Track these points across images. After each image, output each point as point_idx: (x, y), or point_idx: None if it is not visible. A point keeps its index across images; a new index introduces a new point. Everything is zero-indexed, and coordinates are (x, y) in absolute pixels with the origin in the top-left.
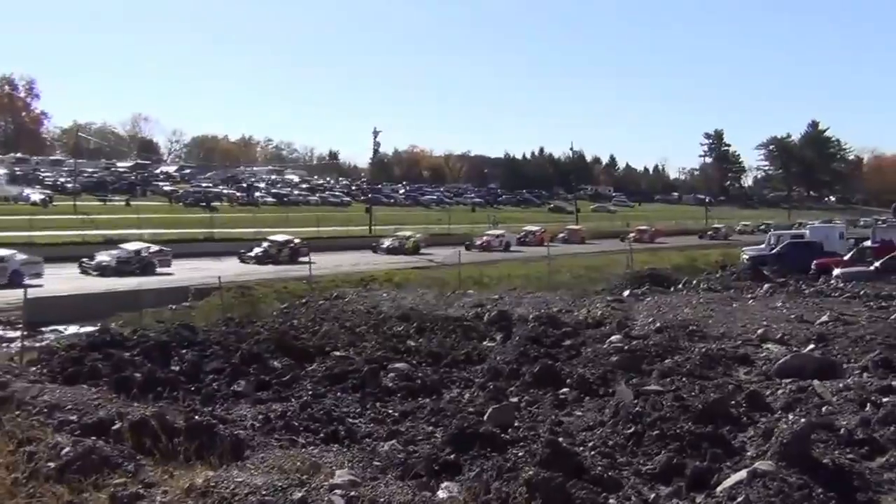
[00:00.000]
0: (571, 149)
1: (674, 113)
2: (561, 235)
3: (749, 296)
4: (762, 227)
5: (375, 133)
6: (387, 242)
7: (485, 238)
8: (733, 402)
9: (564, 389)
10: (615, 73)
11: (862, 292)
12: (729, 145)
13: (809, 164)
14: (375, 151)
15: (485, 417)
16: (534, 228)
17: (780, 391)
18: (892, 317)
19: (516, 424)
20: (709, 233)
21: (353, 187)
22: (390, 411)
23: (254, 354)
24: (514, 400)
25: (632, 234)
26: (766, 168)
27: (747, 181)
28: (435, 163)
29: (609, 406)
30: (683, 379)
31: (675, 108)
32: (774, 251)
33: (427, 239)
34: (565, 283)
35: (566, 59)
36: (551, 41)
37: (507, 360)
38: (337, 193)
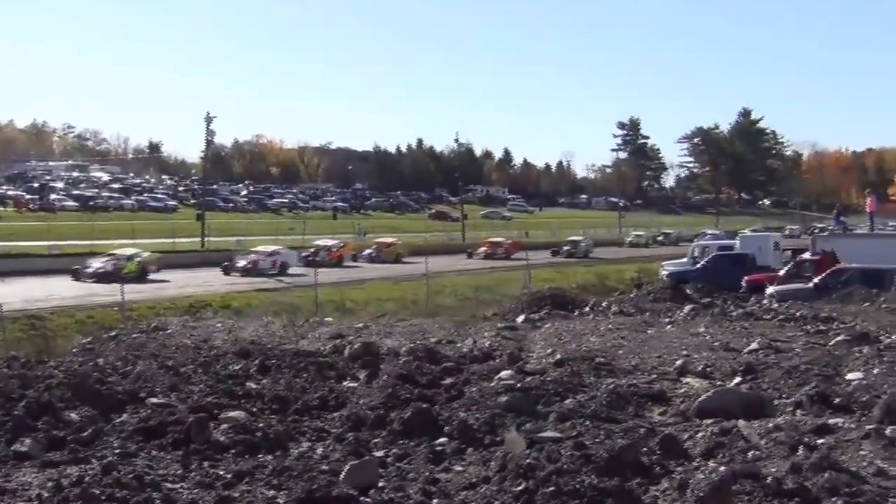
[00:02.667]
0: (457, 141)
1: (581, 98)
2: (368, 252)
3: (667, 320)
4: (660, 237)
5: (209, 119)
6: (95, 264)
7: (251, 257)
8: (645, 448)
9: (442, 439)
10: (509, 53)
11: (798, 314)
12: (647, 137)
13: (740, 160)
14: (209, 143)
15: (341, 477)
16: (328, 243)
17: (699, 434)
18: (832, 343)
19: (380, 484)
20: (565, 248)
21: (182, 188)
22: (221, 472)
23: (44, 404)
24: (379, 454)
25: (482, 249)
26: (691, 165)
27: (669, 181)
28: (286, 157)
29: (496, 458)
30: (587, 423)
31: (582, 92)
32: (699, 266)
33: (157, 260)
34: (449, 308)
35: (450, 35)
36: (429, 13)
37: (373, 405)
38: (159, 196)
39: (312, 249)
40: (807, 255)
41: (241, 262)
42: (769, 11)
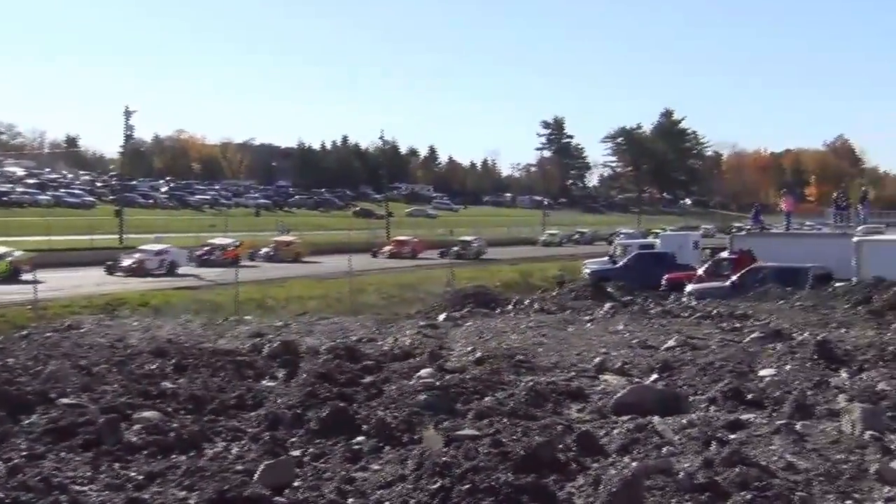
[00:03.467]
0: (382, 139)
1: (507, 97)
2: (265, 251)
3: (587, 318)
4: (575, 236)
5: (127, 114)
6: None
7: (137, 256)
8: (562, 445)
9: (360, 438)
10: (434, 50)
11: (715, 312)
12: (571, 137)
13: (662, 160)
14: (128, 137)
15: (255, 477)
16: (224, 242)
17: (616, 431)
18: (746, 340)
19: (296, 484)
20: (454, 248)
21: (100, 184)
22: (133, 474)
23: None
24: (296, 453)
25: (388, 248)
26: (614, 164)
27: (592, 180)
28: (208, 153)
29: (413, 457)
30: (504, 420)
31: (507, 91)
32: (620, 264)
33: (30, 259)
34: (372, 306)
35: (375, 31)
36: (354, 8)
37: (290, 404)
38: (77, 191)
39: (206, 248)
40: (725, 254)
41: (127, 262)
42: (691, 13)
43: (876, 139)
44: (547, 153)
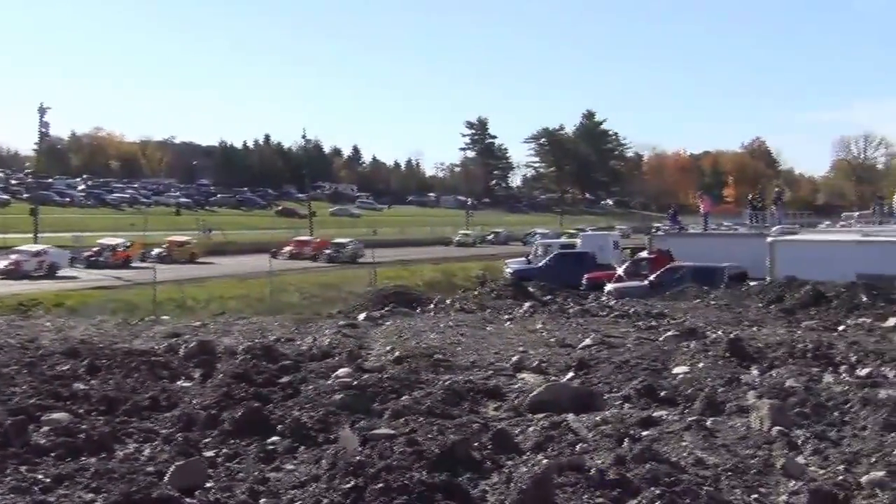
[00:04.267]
0: (305, 138)
1: (431, 97)
2: (157, 252)
3: (507, 317)
4: (489, 236)
5: (42, 110)
6: None
7: (13, 258)
8: (477, 443)
9: (274, 438)
10: (358, 50)
11: (632, 310)
12: (495, 137)
13: (584, 160)
14: (43, 134)
15: (165, 478)
16: (113, 242)
17: (531, 428)
18: (661, 338)
19: (208, 485)
20: (326, 251)
21: (14, 181)
22: (40, 476)
23: None
24: (209, 454)
25: (288, 248)
26: (537, 165)
27: (516, 180)
28: (128, 151)
29: (327, 456)
30: (421, 419)
31: (431, 91)
32: (541, 264)
33: None
34: (293, 306)
35: (298, 29)
36: (277, 6)
37: (205, 405)
38: None
39: (96, 249)
40: (644, 254)
41: (2, 264)
42: (614, 15)
43: (791, 141)
44: (471, 153)
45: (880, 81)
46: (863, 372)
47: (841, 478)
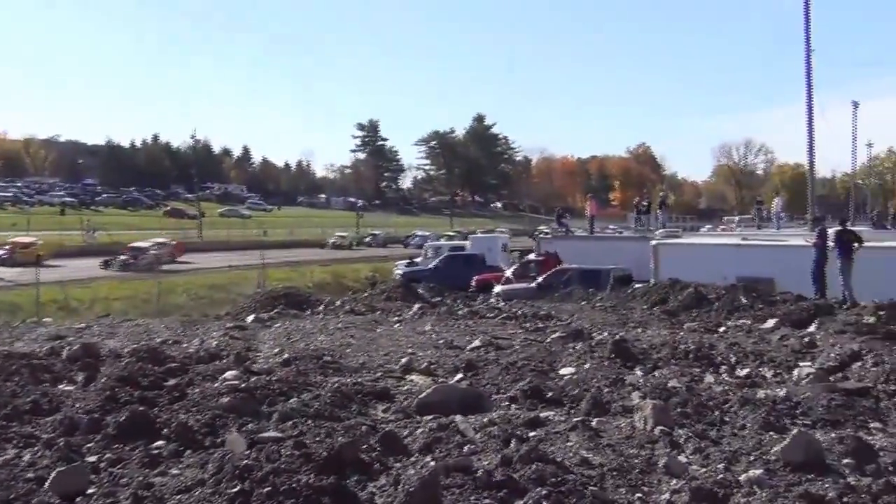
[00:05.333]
0: (193, 137)
1: (321, 99)
2: None
3: (396, 318)
4: (367, 238)
5: None
6: None
7: None
8: (365, 446)
9: (160, 442)
10: (248, 49)
11: (520, 312)
12: (386, 139)
13: (474, 163)
14: None
15: (46, 484)
16: None
17: (419, 430)
18: (548, 340)
19: (90, 491)
20: (121, 257)
21: None
22: None
23: None
24: (92, 459)
25: (127, 254)
26: (427, 167)
27: (406, 182)
28: (10, 149)
29: (213, 460)
30: (309, 422)
31: (322, 92)
32: (431, 266)
33: None
34: (180, 307)
35: (186, 27)
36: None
37: (89, 409)
38: None
39: None
40: (532, 256)
41: None
42: (501, 19)
43: (675, 147)
44: (361, 155)
45: (761, 90)
46: (742, 372)
47: (721, 476)
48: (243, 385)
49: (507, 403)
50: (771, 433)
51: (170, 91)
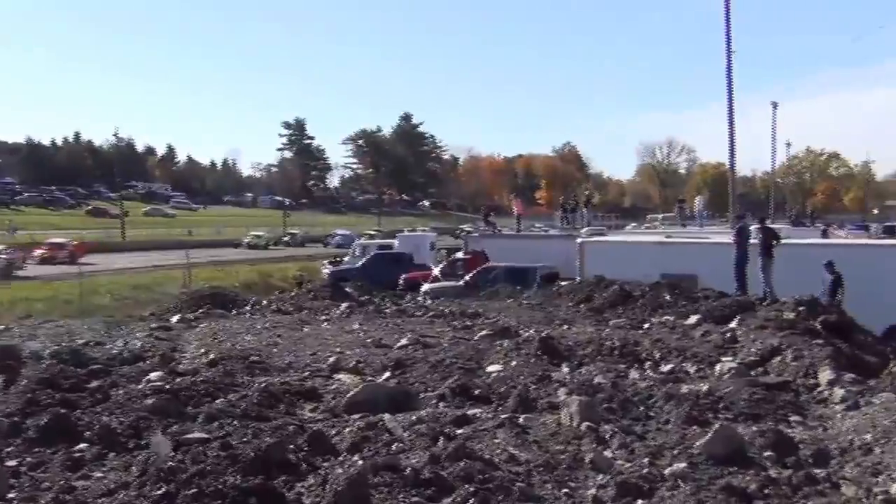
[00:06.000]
0: (116, 136)
1: (248, 98)
2: None
3: (324, 317)
4: (286, 237)
5: None
6: None
7: None
8: (293, 445)
9: (82, 445)
10: (171, 46)
11: (448, 310)
12: (312, 138)
13: (401, 162)
14: None
15: None
16: None
17: (347, 429)
18: (476, 338)
19: (11, 496)
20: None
21: None
22: None
23: None
24: (12, 463)
25: (39, 252)
26: (355, 166)
27: (334, 181)
28: None
29: (137, 462)
30: (235, 422)
31: (249, 91)
32: (359, 265)
33: None
34: (104, 308)
35: (110, 24)
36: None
37: (9, 412)
38: None
39: None
40: (460, 255)
41: None
42: (430, 19)
43: (600, 147)
44: (288, 154)
45: (684, 91)
46: (666, 368)
47: (646, 470)
48: (168, 386)
49: (435, 401)
50: (694, 427)
51: (91, 89)
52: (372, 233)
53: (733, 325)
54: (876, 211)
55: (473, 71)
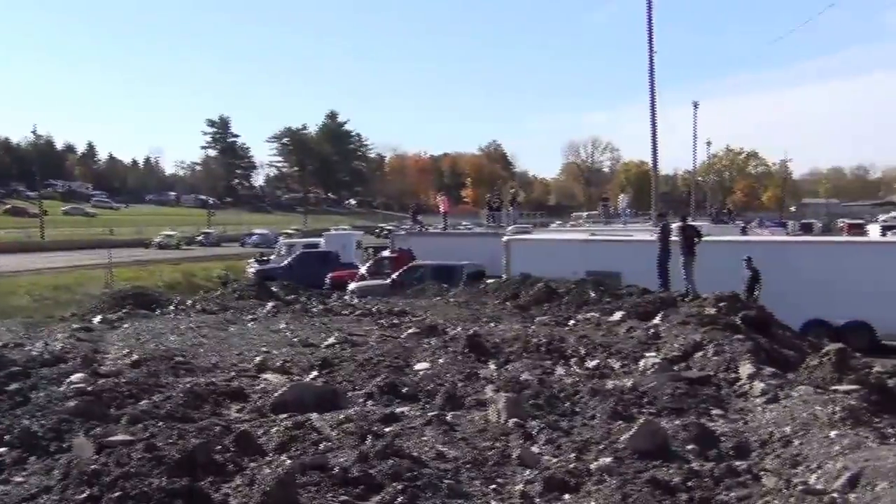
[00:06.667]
0: (34, 133)
1: (171, 95)
2: None
3: (250, 317)
4: (199, 237)
5: None
6: None
7: None
8: (219, 446)
9: (1, 449)
10: (95, 44)
11: (375, 309)
12: (237, 136)
13: (327, 160)
14: None
15: None
16: None
17: (274, 429)
18: (403, 336)
19: None
20: None
21: None
22: None
23: None
24: None
25: None
26: (280, 165)
27: (259, 180)
28: None
29: (60, 466)
30: (160, 424)
31: (172, 89)
32: (285, 263)
33: None
34: (23, 309)
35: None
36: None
37: None
38: None
39: None
40: (386, 253)
41: None
42: (354, 18)
43: (525, 145)
44: (212, 152)
45: (608, 90)
46: (591, 364)
47: (572, 465)
48: (91, 388)
49: (363, 400)
50: (619, 422)
51: (7, 86)
52: (290, 231)
53: (657, 321)
54: (793, 209)
55: (399, 70)
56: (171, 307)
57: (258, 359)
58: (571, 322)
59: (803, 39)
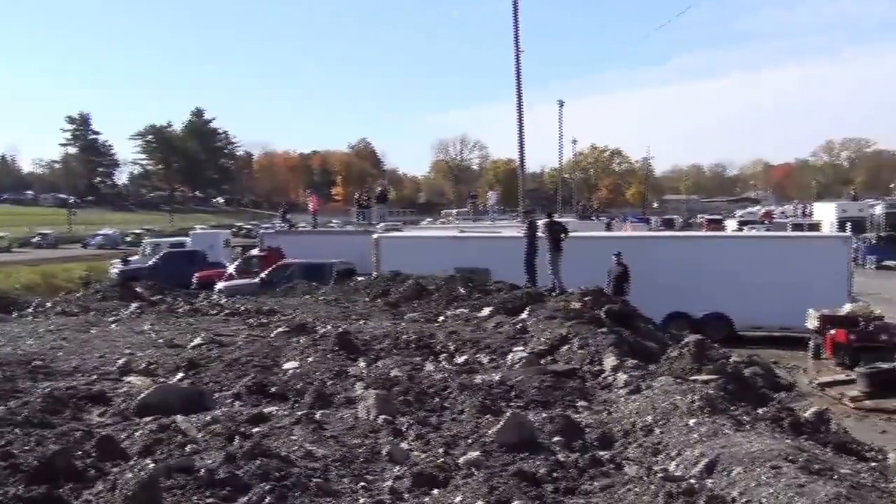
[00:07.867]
0: None
1: (27, 91)
2: None
3: (112, 318)
4: (36, 238)
5: None
6: None
7: None
8: (80, 452)
9: None
10: None
11: (244, 308)
12: (98, 133)
13: (193, 158)
14: None
15: None
16: None
17: (138, 433)
18: (272, 335)
19: None
20: None
21: None
22: None
23: None
24: None
25: None
26: (144, 162)
27: (122, 178)
28: None
29: None
30: (17, 430)
31: (28, 84)
32: (150, 263)
33: None
34: None
35: None
36: None
37: None
38: None
39: None
40: (255, 252)
41: None
42: (220, 15)
43: (395, 143)
44: (72, 150)
45: (476, 88)
46: (461, 359)
47: (441, 460)
48: None
49: (230, 401)
50: (487, 416)
51: None
52: (139, 231)
53: (524, 315)
54: (655, 205)
55: (267, 67)
56: (30, 310)
57: (121, 361)
58: (441, 318)
59: (667, 41)
